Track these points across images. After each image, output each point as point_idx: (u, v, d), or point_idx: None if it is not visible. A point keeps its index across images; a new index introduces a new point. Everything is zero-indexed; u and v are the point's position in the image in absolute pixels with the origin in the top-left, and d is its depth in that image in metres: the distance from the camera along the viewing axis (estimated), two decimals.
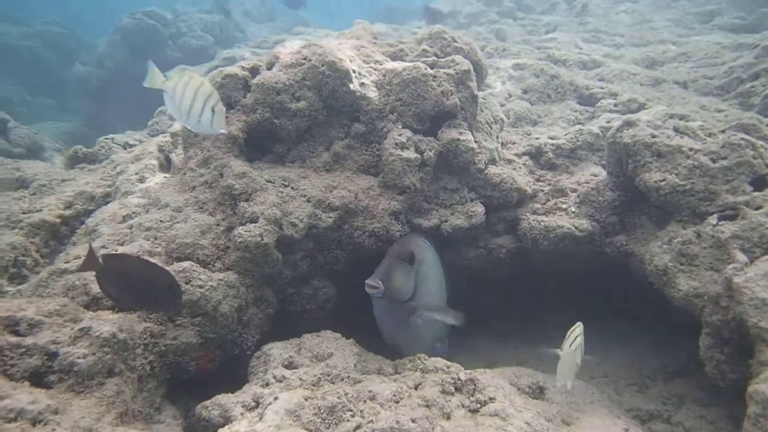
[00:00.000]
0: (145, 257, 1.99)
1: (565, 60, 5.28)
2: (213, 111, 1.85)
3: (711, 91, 4.01)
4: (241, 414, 1.86)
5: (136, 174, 2.54)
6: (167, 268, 1.91)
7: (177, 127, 2.79)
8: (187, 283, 1.98)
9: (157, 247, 2.09)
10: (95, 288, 1.90)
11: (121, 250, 2.07)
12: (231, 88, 2.38)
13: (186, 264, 2.01)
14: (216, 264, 2.11)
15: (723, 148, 2.15)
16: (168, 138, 2.70)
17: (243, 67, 2.43)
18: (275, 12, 14.74)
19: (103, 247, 2.08)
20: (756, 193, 2.05)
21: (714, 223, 2.06)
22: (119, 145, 3.50)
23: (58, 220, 2.51)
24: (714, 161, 2.14)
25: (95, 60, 10.74)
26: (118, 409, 1.63)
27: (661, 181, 2.21)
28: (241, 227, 2.12)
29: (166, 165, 2.70)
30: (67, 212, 2.55)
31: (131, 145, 3.48)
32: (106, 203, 2.49)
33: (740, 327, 1.80)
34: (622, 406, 2.40)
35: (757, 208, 2.00)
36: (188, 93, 1.84)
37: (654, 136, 2.29)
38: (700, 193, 2.13)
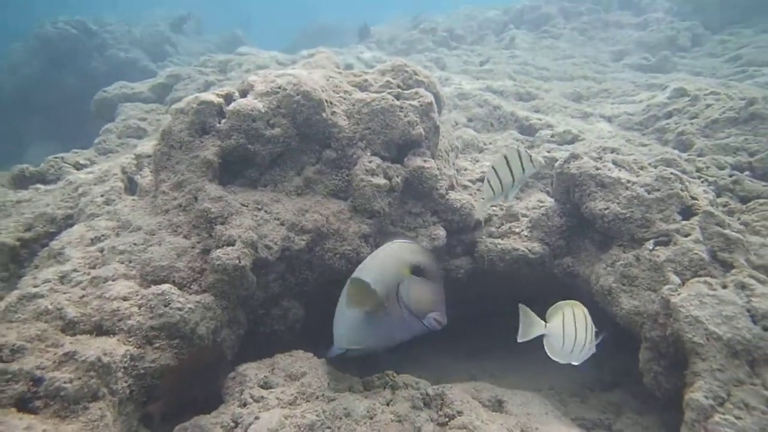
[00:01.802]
0: (121, 280, 1.97)
1: (503, 91, 5.67)
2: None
3: (632, 126, 4.45)
4: None
5: (102, 196, 2.49)
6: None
7: (142, 148, 2.76)
8: (165, 306, 1.98)
9: (131, 270, 2.07)
10: (71, 312, 1.86)
11: (94, 273, 2.03)
12: (206, 114, 2.41)
13: (164, 287, 2.01)
14: (192, 286, 2.13)
15: (656, 181, 2.44)
16: (132, 160, 2.67)
17: (218, 94, 2.47)
18: (202, 26, 14.56)
19: (74, 270, 2.04)
20: (684, 222, 2.35)
21: (651, 248, 2.33)
22: (70, 164, 3.37)
23: (18, 243, 2.41)
24: (649, 192, 2.43)
25: (7, 65, 10.09)
26: None
27: (605, 209, 2.47)
28: (218, 250, 2.15)
29: (129, 187, 2.65)
30: (27, 235, 2.45)
31: (82, 165, 3.36)
32: (69, 226, 2.42)
33: (676, 342, 2.05)
34: (569, 416, 2.62)
35: (686, 236, 2.29)
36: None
37: (597, 168, 2.56)
38: (638, 221, 2.41)
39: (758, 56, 7.27)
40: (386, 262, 2.15)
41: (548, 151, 3.70)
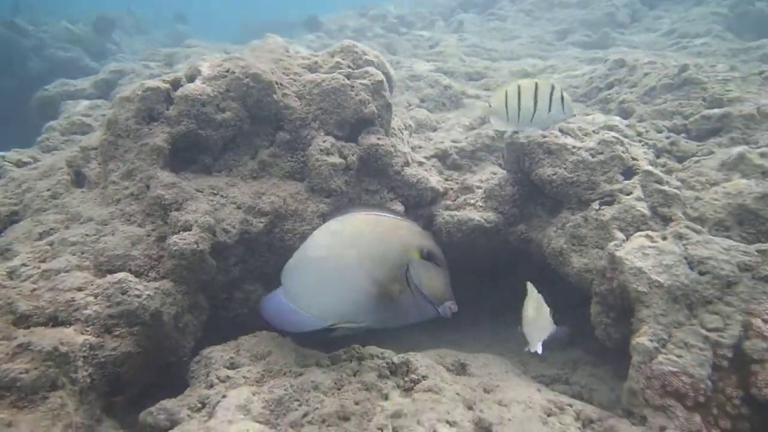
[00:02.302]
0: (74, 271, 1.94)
1: (453, 72, 5.75)
2: (562, 98, 1.75)
3: (577, 98, 4.60)
4: (188, 416, 1.89)
5: (48, 190, 2.42)
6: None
7: (88, 141, 2.69)
8: (123, 294, 1.96)
9: (85, 261, 2.04)
10: (22, 305, 1.82)
11: (44, 266, 1.99)
12: (153, 100, 2.37)
13: (121, 275, 1.99)
14: (150, 274, 2.11)
15: (599, 145, 2.56)
16: (78, 152, 2.60)
17: (164, 80, 2.44)
18: (146, 25, 14.11)
19: (23, 265, 1.99)
20: (626, 182, 2.47)
21: (596, 208, 2.45)
22: (11, 162, 3.24)
23: None
24: (593, 156, 2.55)
25: None
26: (64, 421, 1.61)
27: (553, 174, 2.57)
28: (175, 236, 2.14)
29: (76, 180, 2.59)
30: None
31: (25, 163, 3.24)
32: (13, 222, 2.35)
33: (623, 293, 2.17)
34: (529, 374, 2.73)
35: (629, 194, 2.41)
36: (523, 97, 1.77)
37: (544, 137, 2.66)
38: (584, 184, 2.52)
39: (690, 29, 7.62)
40: (390, 241, 2.04)
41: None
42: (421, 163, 3.18)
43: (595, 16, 9.35)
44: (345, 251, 2.03)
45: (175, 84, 2.47)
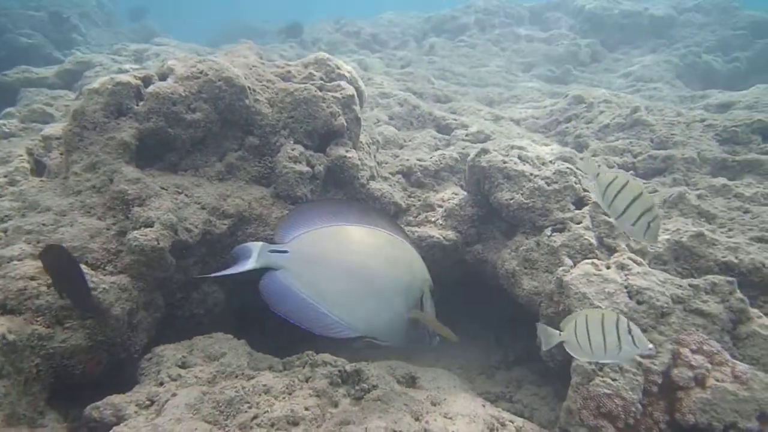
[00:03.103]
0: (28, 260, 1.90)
1: (422, 93, 5.92)
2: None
3: (538, 129, 4.82)
4: (136, 412, 1.87)
5: (5, 177, 2.36)
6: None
7: (50, 130, 2.64)
8: None
9: (39, 250, 2.00)
10: None
11: None
12: (124, 95, 2.37)
13: None
14: (107, 267, 2.09)
15: (555, 174, 2.71)
16: (38, 141, 2.54)
17: (135, 76, 2.43)
18: (115, 17, 13.75)
19: None
20: (577, 211, 2.62)
21: (549, 234, 2.58)
22: None
23: None
24: (548, 185, 2.69)
25: None
26: (6, 410, 1.58)
27: (510, 199, 2.70)
28: (135, 231, 2.13)
29: (36, 169, 2.53)
30: None
31: None
32: None
33: (567, 316, 2.30)
34: (476, 390, 2.82)
35: (578, 223, 2.56)
36: (624, 196, 1.70)
37: (505, 162, 2.79)
38: (538, 210, 2.66)
39: (645, 73, 8.09)
40: (415, 270, 2.11)
41: (462, 149, 3.94)
42: (386, 179, 3.26)
43: (558, 52, 9.79)
44: (380, 269, 2.04)
45: (147, 80, 2.47)
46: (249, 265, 1.95)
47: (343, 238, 2.07)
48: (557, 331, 1.84)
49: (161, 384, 2.00)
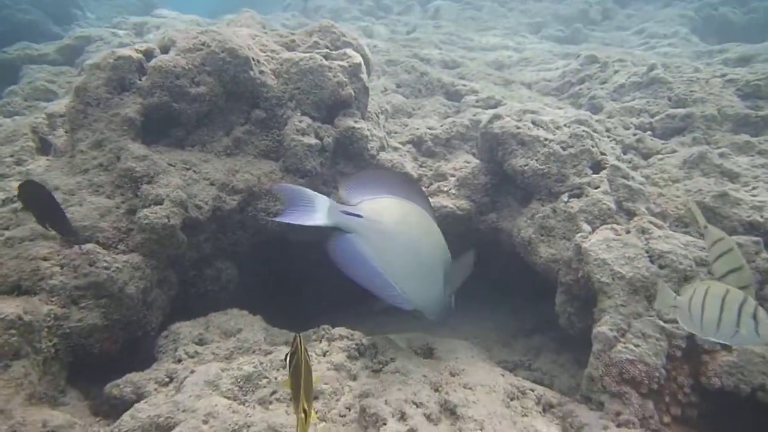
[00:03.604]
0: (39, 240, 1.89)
1: (429, 59, 5.76)
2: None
3: (549, 92, 4.69)
4: (155, 389, 1.88)
5: (12, 156, 2.33)
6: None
7: (54, 107, 2.59)
8: (91, 265, 1.92)
9: (51, 231, 1.97)
10: None
11: (8, 234, 1.93)
12: (126, 70, 2.31)
13: (89, 246, 1.95)
14: (119, 246, 2.07)
15: (570, 138, 2.62)
16: (43, 119, 2.50)
17: (137, 50, 2.37)
18: None
19: None
20: (594, 176, 2.55)
21: (565, 200, 2.52)
22: None
23: None
24: (564, 149, 2.61)
25: None
26: (27, 390, 1.58)
27: (524, 165, 2.63)
28: (146, 209, 2.10)
29: (42, 148, 2.50)
30: None
31: None
32: None
33: (587, 283, 2.24)
34: (493, 360, 2.81)
35: (596, 188, 2.48)
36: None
37: (518, 128, 2.71)
38: (554, 176, 2.58)
39: (659, 29, 7.83)
40: (445, 246, 2.21)
41: (473, 115, 3.84)
42: (396, 149, 3.19)
43: (568, 11, 9.49)
44: (431, 248, 2.15)
45: (148, 54, 2.40)
46: (320, 220, 1.96)
47: (405, 212, 2.13)
48: (674, 294, 1.75)
49: (179, 361, 2.00)
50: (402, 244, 2.07)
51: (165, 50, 2.45)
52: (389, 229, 2.06)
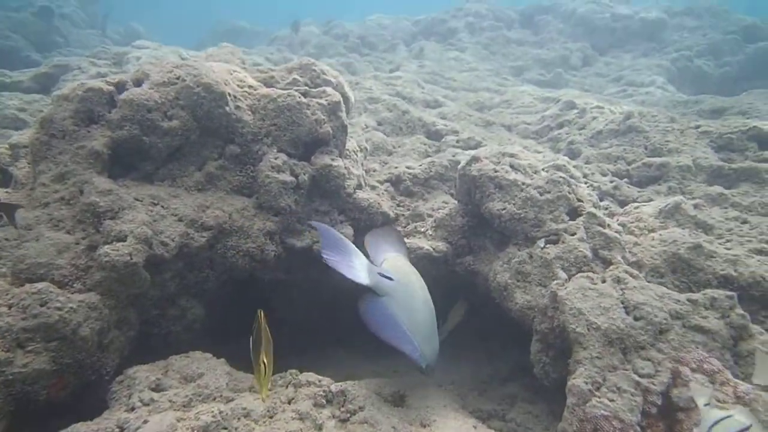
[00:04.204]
0: None
1: (411, 98, 5.82)
2: None
3: (529, 135, 4.75)
4: None
5: None
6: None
7: (19, 138, 2.51)
8: (42, 306, 1.81)
9: (2, 268, 1.87)
10: None
11: None
12: (95, 102, 2.24)
13: (41, 285, 1.84)
14: (75, 285, 1.96)
15: (547, 183, 2.62)
16: (5, 150, 2.41)
17: (108, 82, 2.31)
18: (97, 19, 13.55)
19: None
20: (571, 222, 2.53)
21: (542, 246, 2.49)
22: None
23: None
24: (541, 194, 2.60)
25: None
26: None
27: (502, 209, 2.60)
28: (107, 246, 2.00)
29: (2, 179, 2.40)
30: None
31: None
32: None
33: (562, 332, 2.20)
34: (467, 408, 2.72)
35: (572, 234, 2.47)
36: None
37: (496, 171, 2.70)
38: (531, 221, 2.56)
39: (636, 78, 8.07)
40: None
41: (453, 156, 3.84)
42: (373, 187, 3.15)
43: (550, 56, 9.76)
44: (430, 302, 2.30)
45: (120, 86, 2.35)
46: (363, 279, 2.12)
47: (409, 269, 2.34)
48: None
49: (132, 409, 1.88)
50: (421, 302, 2.25)
51: (138, 83, 2.40)
52: (414, 290, 2.25)
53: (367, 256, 2.31)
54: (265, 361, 1.55)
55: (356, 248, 2.21)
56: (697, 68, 8.91)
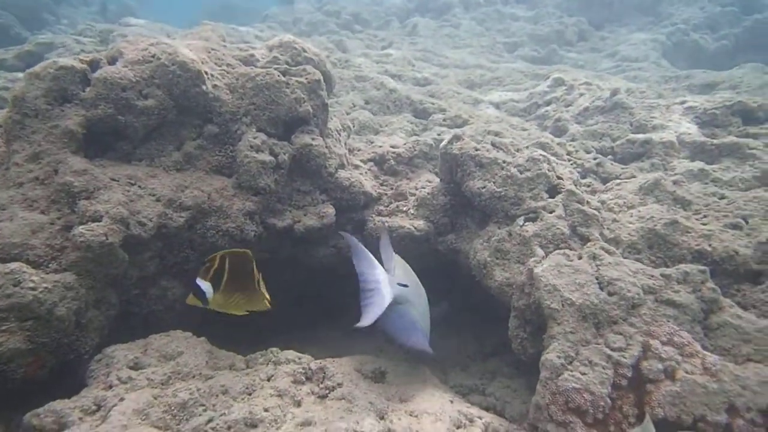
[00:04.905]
0: None
1: (401, 76, 5.77)
2: None
3: (517, 113, 4.72)
4: (80, 419, 1.78)
5: None
6: None
7: None
8: (15, 286, 1.82)
9: None
10: None
11: None
12: (68, 81, 2.22)
13: (14, 265, 1.85)
14: (51, 265, 1.97)
15: (527, 162, 2.61)
16: None
17: (81, 60, 2.28)
18: None
19: None
20: (550, 200, 2.54)
21: (521, 224, 2.50)
22: None
23: None
24: (521, 172, 2.60)
25: None
26: None
27: (482, 188, 2.60)
28: (82, 226, 2.01)
29: None
30: None
31: None
32: None
33: (538, 309, 2.22)
34: (449, 384, 2.76)
35: (551, 212, 2.47)
36: None
37: (477, 149, 2.69)
38: (511, 199, 2.57)
39: (631, 53, 7.98)
40: None
41: (438, 134, 3.83)
42: (357, 167, 3.14)
43: (544, 32, 9.64)
44: (425, 300, 2.42)
45: (94, 65, 2.32)
46: (389, 298, 2.13)
47: (408, 267, 2.45)
48: None
49: (110, 387, 1.90)
50: (424, 299, 2.39)
51: (112, 61, 2.38)
52: (420, 289, 2.37)
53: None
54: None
55: (380, 265, 2.26)
56: (692, 42, 8.81)
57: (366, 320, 2.05)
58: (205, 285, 1.90)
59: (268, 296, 2.01)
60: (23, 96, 2.16)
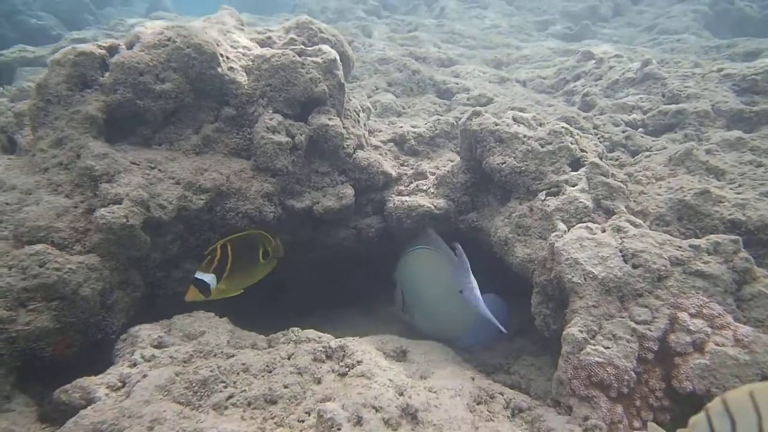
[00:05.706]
0: None
1: (426, 57, 5.68)
2: None
3: (545, 89, 4.59)
4: (106, 395, 1.83)
5: None
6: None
7: (21, 106, 2.58)
8: (41, 266, 1.88)
9: (3, 231, 1.95)
10: None
11: None
12: (87, 66, 2.27)
13: (39, 247, 1.91)
14: (75, 247, 2.03)
15: (549, 135, 2.53)
16: (11, 118, 2.49)
17: (100, 46, 2.33)
18: None
19: None
20: (573, 173, 2.45)
21: (542, 198, 2.43)
22: None
23: None
24: (542, 146, 2.52)
25: None
26: None
27: (502, 163, 2.54)
28: (103, 209, 2.06)
29: (9, 147, 2.48)
30: None
31: None
32: None
33: (560, 283, 2.16)
34: (472, 363, 2.72)
35: (574, 186, 2.39)
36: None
37: (497, 125, 2.62)
38: (532, 174, 2.50)
39: (670, 25, 7.64)
40: None
41: (461, 113, 3.76)
42: (376, 147, 3.12)
43: (577, 8, 9.34)
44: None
45: (112, 50, 2.37)
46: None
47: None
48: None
49: (134, 365, 1.95)
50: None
51: (131, 46, 2.42)
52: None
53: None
54: None
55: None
56: (737, 11, 8.36)
57: (500, 326, 2.38)
58: (208, 277, 1.92)
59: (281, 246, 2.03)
60: (46, 83, 2.23)
